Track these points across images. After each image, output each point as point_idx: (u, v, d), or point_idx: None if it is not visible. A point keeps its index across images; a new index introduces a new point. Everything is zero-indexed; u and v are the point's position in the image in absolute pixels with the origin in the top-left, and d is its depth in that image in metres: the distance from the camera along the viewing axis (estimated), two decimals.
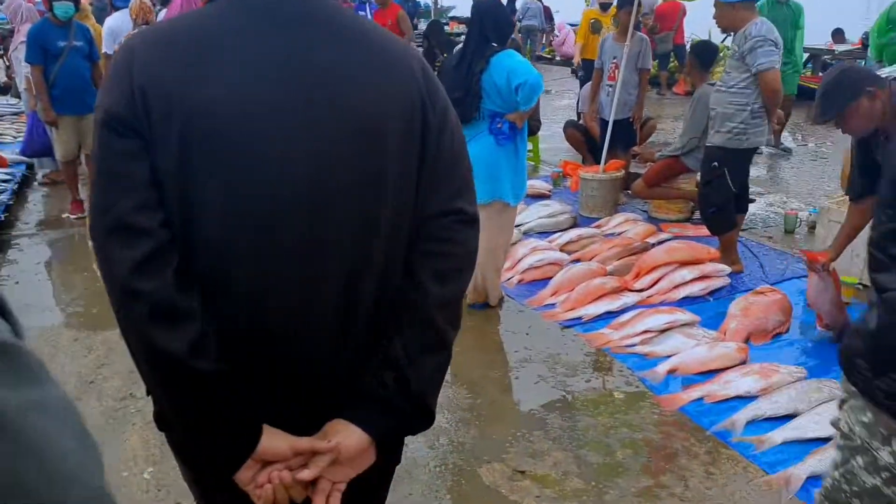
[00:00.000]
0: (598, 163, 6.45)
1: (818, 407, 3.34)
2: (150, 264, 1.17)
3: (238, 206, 1.21)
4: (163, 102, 1.17)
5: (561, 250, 5.35)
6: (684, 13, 12.04)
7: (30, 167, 7.95)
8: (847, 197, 4.13)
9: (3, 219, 6.20)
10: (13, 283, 5.17)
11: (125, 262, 1.17)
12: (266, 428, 1.27)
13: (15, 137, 8.93)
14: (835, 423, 1.92)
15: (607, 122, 6.44)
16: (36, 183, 7.79)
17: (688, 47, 9.46)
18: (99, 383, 3.77)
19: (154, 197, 1.19)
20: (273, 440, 1.26)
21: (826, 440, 3.04)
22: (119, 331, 1.24)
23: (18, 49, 7.69)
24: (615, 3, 7.68)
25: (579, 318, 4.46)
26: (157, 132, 1.18)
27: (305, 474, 1.27)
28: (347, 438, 1.29)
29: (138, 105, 1.17)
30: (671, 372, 3.83)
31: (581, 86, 8.61)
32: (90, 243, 1.25)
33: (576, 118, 8.16)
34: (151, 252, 1.17)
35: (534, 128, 7.25)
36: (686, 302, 4.58)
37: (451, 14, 21.55)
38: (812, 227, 5.80)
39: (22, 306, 4.72)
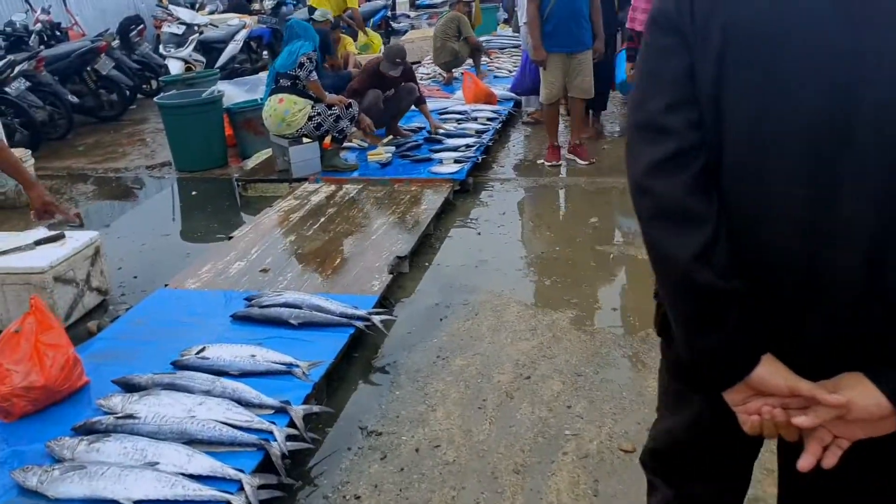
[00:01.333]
0: None
1: None
2: (668, 164, 1.18)
3: (771, 126, 1.14)
4: (707, 3, 1.17)
5: None
6: None
7: (517, 104, 7.94)
8: None
9: (479, 160, 6.10)
10: (475, 233, 4.95)
11: (644, 160, 1.21)
12: (767, 357, 1.19)
13: (510, 71, 9.06)
14: None
15: None
16: (521, 122, 7.74)
17: None
18: (535, 382, 3.19)
19: (687, 95, 1.19)
20: (771, 371, 1.18)
21: None
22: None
23: None
24: None
25: None
26: (699, 30, 1.18)
27: (802, 420, 1.16)
28: (863, 397, 1.14)
29: (685, 2, 1.19)
30: None
31: None
32: None
33: None
34: (673, 153, 1.18)
35: None
36: None
37: None
38: None
39: (475, 262, 4.44)
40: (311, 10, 10.13)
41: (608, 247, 4.61)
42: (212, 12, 13.04)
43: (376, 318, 3.50)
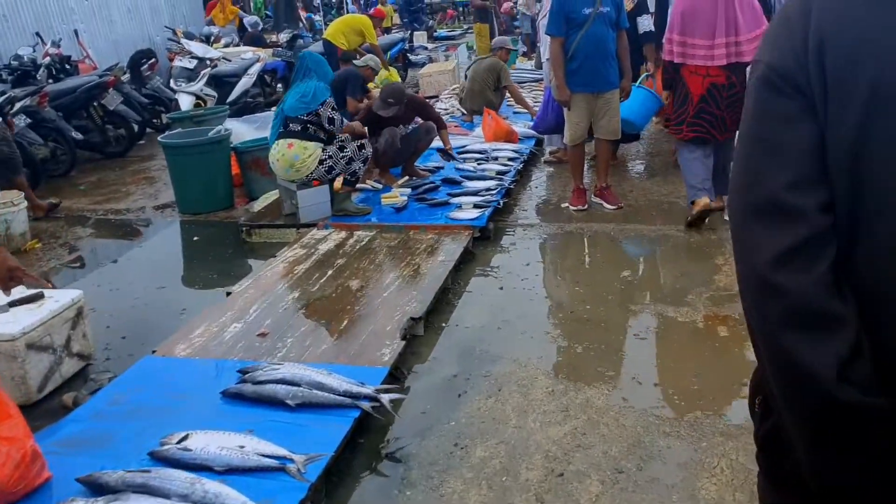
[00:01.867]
0: None
1: None
2: (799, 255, 0.99)
3: None
4: (845, 53, 0.97)
5: None
6: None
7: (538, 142, 7.57)
8: None
9: (500, 205, 5.69)
10: (497, 287, 4.53)
11: (768, 250, 1.01)
12: None
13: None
14: None
15: None
16: (542, 161, 7.34)
17: None
18: (570, 480, 2.73)
19: (816, 171, 1.00)
20: None
21: None
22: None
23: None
24: None
25: None
26: (833, 91, 0.98)
27: None
28: None
29: (811, 57, 0.99)
30: None
31: None
32: None
33: None
34: (804, 240, 0.99)
35: None
36: None
37: None
38: None
39: (497, 322, 4.01)
40: (326, 43, 9.88)
41: (643, 306, 4.17)
42: (227, 45, 12.84)
43: (385, 398, 3.07)
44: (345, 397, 3.02)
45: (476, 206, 5.49)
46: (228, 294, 4.35)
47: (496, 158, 6.77)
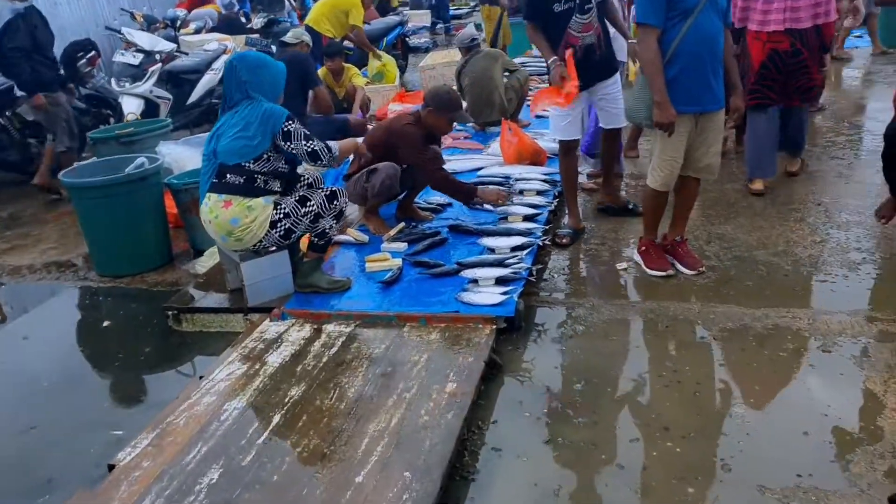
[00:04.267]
0: None
1: None
2: None
3: None
4: None
5: None
6: None
7: None
8: None
9: (533, 274, 4.00)
10: (540, 440, 2.85)
11: None
12: None
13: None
14: None
15: None
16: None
17: None
18: None
19: None
20: None
21: None
22: None
23: None
24: None
25: None
26: None
27: None
28: None
29: None
30: None
31: None
32: None
33: None
34: None
35: None
36: None
37: None
38: None
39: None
40: (309, 31, 8.15)
41: (791, 492, 2.50)
42: (198, 31, 11.07)
43: None
44: None
45: (499, 279, 3.81)
46: (111, 468, 2.70)
47: (521, 192, 5.07)
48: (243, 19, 12.25)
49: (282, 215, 3.69)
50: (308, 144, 3.63)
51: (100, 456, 2.90)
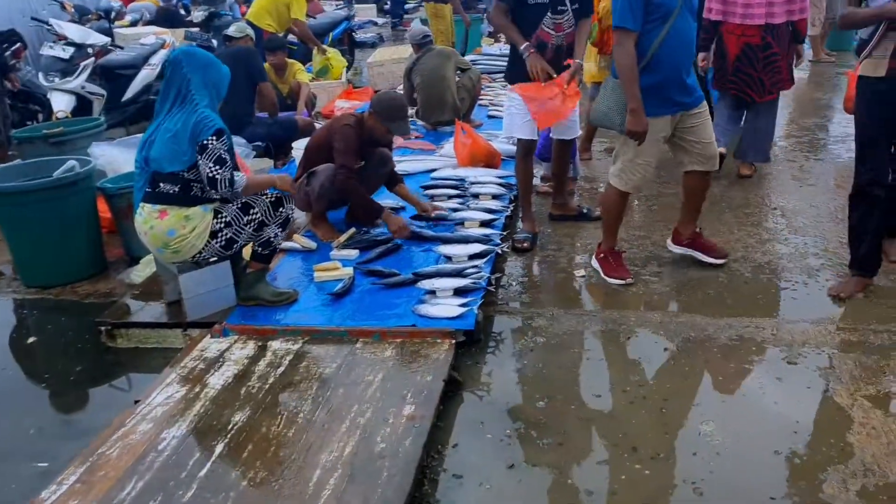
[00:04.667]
0: None
1: None
2: None
3: None
4: None
5: None
6: None
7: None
8: None
9: (493, 283, 3.84)
10: (504, 464, 2.69)
11: None
12: None
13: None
14: None
15: None
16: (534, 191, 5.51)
17: None
18: None
19: None
20: None
21: None
22: None
23: None
24: None
25: None
26: None
27: None
28: None
29: None
30: None
31: None
32: None
33: None
34: None
35: None
36: None
37: None
38: None
39: None
40: (250, 25, 7.84)
41: None
42: (134, 23, 10.62)
43: None
44: None
45: (457, 291, 3.64)
46: None
47: (477, 196, 4.91)
48: (183, 12, 11.82)
49: (222, 224, 3.44)
50: (213, 169, 3.28)
51: (20, 494, 2.63)
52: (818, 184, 5.39)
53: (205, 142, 3.26)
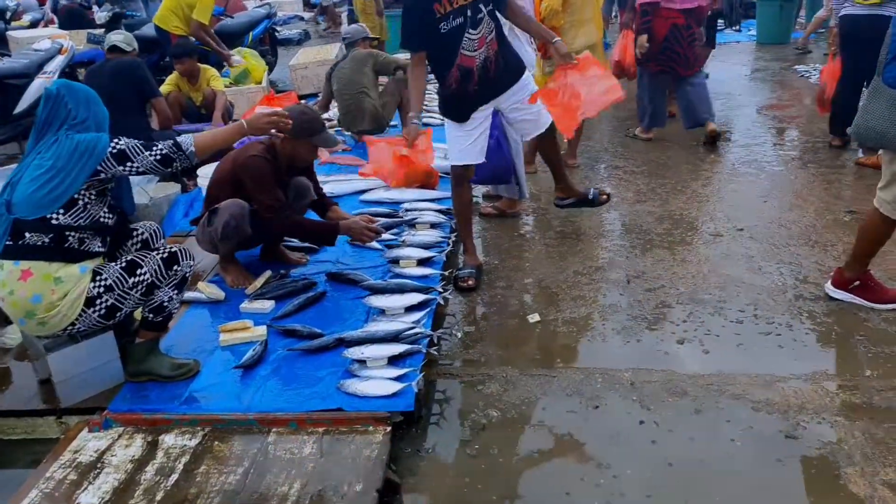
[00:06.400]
0: None
1: None
2: None
3: None
4: None
5: None
6: None
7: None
8: None
9: (436, 342, 3.25)
10: None
11: None
12: None
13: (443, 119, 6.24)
14: None
15: None
16: (477, 214, 4.94)
17: None
18: None
19: None
20: None
21: None
22: None
23: None
24: None
25: None
26: None
27: None
28: None
29: None
30: None
31: None
32: None
33: None
34: None
35: None
36: None
37: None
38: None
39: None
40: (157, 30, 7.09)
41: None
42: (34, 24, 9.65)
43: None
44: None
45: (391, 360, 3.04)
46: None
47: (413, 225, 4.32)
48: (95, 11, 10.81)
49: (102, 289, 2.77)
50: (153, 152, 2.78)
51: None
52: (779, 197, 4.97)
53: (114, 149, 2.71)
